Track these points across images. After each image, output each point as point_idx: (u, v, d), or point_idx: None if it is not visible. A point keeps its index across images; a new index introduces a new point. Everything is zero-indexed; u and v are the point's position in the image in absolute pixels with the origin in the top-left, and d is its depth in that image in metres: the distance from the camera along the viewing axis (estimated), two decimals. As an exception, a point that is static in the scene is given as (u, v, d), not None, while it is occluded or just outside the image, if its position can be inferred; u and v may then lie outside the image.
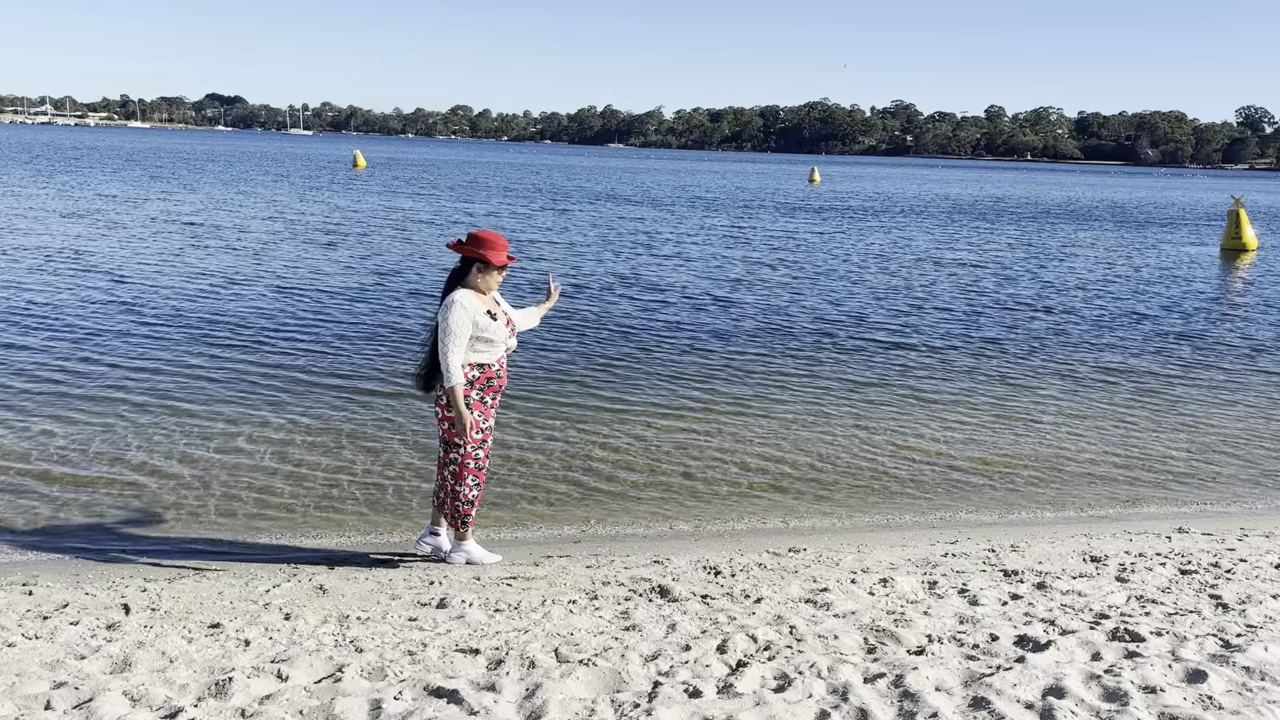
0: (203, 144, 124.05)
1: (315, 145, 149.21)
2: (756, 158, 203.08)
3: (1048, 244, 30.43)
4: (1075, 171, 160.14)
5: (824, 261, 23.00)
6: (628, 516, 7.10)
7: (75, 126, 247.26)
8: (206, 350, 11.31)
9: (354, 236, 24.41)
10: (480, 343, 5.62)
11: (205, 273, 17.34)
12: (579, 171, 79.98)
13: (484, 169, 76.84)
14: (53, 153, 72.47)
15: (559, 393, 10.07)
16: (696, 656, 4.41)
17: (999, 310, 16.74)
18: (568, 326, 13.58)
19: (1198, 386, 11.62)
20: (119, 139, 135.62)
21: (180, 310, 13.70)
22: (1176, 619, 4.98)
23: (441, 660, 4.35)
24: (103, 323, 12.63)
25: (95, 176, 45.69)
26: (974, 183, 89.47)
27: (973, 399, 10.58)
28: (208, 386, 9.80)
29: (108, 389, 9.55)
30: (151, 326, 12.55)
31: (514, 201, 40.19)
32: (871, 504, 7.54)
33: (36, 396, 9.21)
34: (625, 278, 18.75)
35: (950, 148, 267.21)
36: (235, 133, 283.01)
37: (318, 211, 31.38)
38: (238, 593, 5.34)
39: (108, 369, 10.29)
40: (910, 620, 4.92)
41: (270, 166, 65.36)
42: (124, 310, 13.54)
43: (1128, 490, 8.08)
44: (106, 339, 11.68)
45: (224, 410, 9.03)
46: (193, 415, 8.86)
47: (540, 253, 22.64)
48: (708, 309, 15.66)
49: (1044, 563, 6.05)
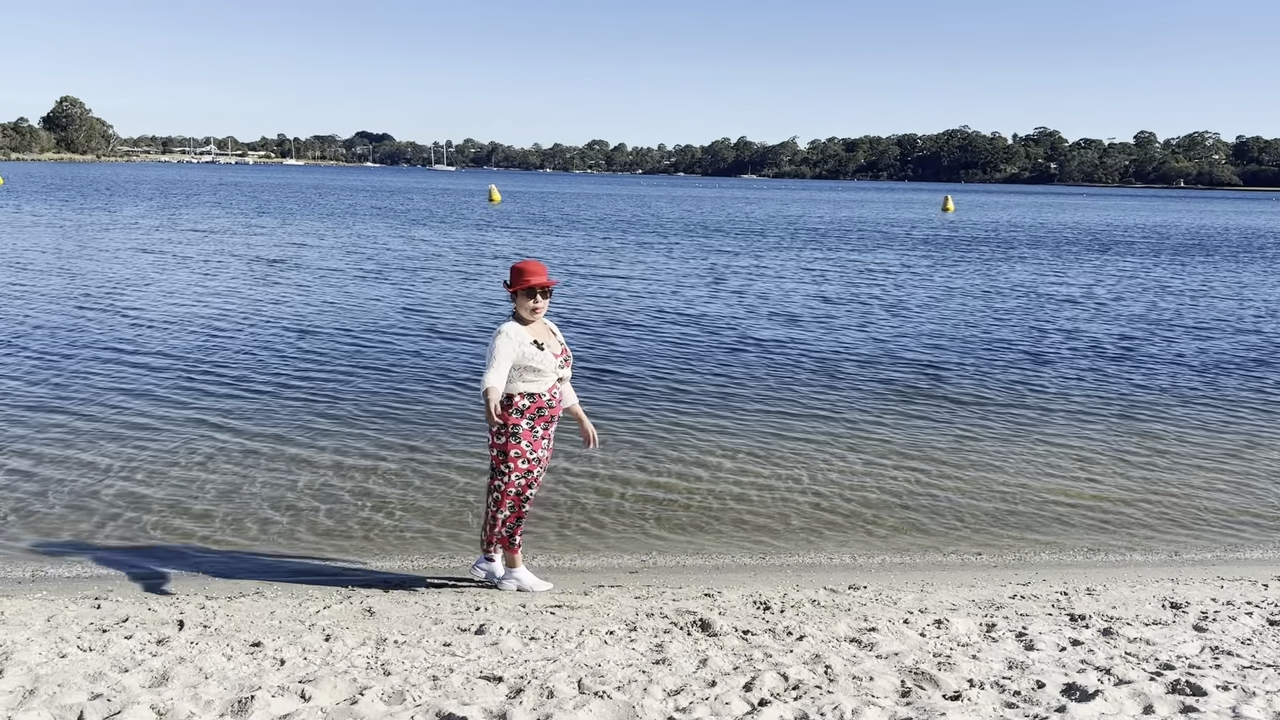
0: (353, 180, 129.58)
1: (456, 180, 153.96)
2: (892, 186, 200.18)
3: (1183, 274, 28.99)
4: (1235, 199, 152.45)
5: (924, 293, 22.45)
6: (691, 548, 7.01)
7: (236, 165, 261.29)
8: (297, 375, 11.72)
9: (457, 268, 25.05)
10: (529, 372, 5.69)
11: (313, 303, 18.04)
12: (689, 201, 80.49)
13: (612, 201, 77.88)
14: (235, 190, 76.91)
15: (626, 423, 10.05)
16: (719, 693, 4.31)
17: (1108, 341, 15.98)
18: (636, 356, 13.57)
19: (1332, 424, 10.83)
20: (281, 176, 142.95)
21: (279, 335, 14.25)
22: (1250, 673, 4.63)
23: (463, 687, 4.37)
24: (204, 344, 13.23)
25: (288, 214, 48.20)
26: (1122, 211, 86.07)
27: (1072, 435, 10.10)
28: (287, 413, 10.14)
29: (193, 412, 9.98)
30: (254, 351, 13.08)
31: (623, 232, 40.60)
32: (945, 541, 7.25)
33: (126, 415, 9.70)
34: (693, 312, 18.59)
35: (1096, 175, 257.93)
36: (382, 169, 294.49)
37: (445, 243, 32.37)
38: (289, 612, 5.48)
39: (197, 393, 10.76)
40: (955, 664, 4.71)
41: (412, 200, 67.73)
42: (228, 334, 14.16)
43: (1232, 535, 7.57)
44: (205, 362, 12.23)
45: (301, 437, 9.32)
46: (269, 440, 9.17)
47: (622, 281, 22.75)
48: (785, 342, 15.42)
49: (1117, 608, 5.71)
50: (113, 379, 11.33)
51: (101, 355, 12.67)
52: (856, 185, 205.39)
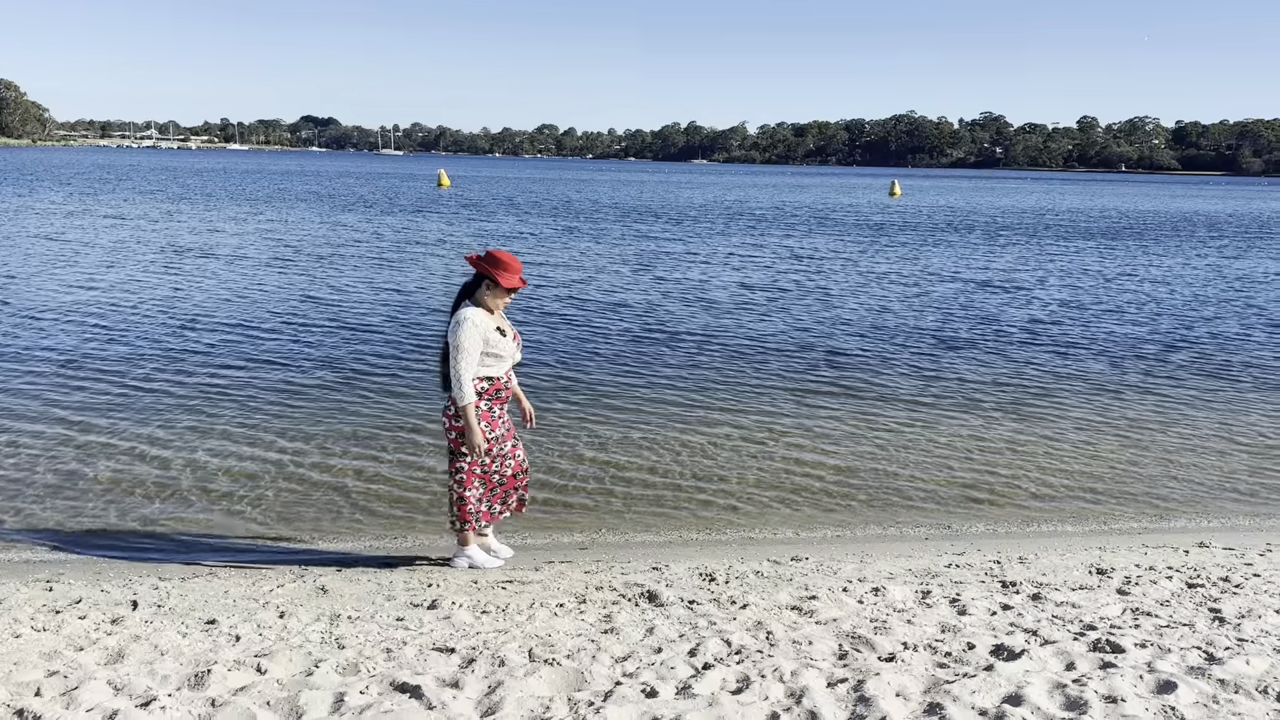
0: (296, 164, 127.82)
1: (403, 165, 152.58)
2: (840, 171, 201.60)
3: (1136, 255, 29.68)
4: (1172, 183, 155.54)
5: (868, 275, 22.80)
6: (640, 525, 7.17)
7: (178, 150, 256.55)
8: (246, 358, 11.72)
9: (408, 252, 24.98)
10: (489, 357, 5.80)
11: (257, 285, 17.93)
12: (633, 186, 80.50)
13: (556, 185, 77.72)
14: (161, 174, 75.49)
15: (574, 404, 10.21)
16: (665, 659, 4.48)
17: (1066, 320, 16.40)
18: (586, 339, 13.72)
19: (1259, 401, 11.25)
20: (222, 160, 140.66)
21: (220, 319, 14.20)
22: (1166, 632, 4.89)
23: (417, 658, 4.49)
24: (150, 330, 13.14)
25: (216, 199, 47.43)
26: (1063, 195, 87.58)
27: (1002, 412, 10.42)
28: (241, 395, 10.16)
29: (145, 394, 9.96)
30: (203, 338, 13.02)
31: (557, 217, 40.59)
32: (885, 515, 7.49)
33: (74, 398, 9.66)
34: (637, 298, 18.75)
35: (1041, 159, 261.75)
36: (328, 153, 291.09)
37: (391, 226, 32.17)
38: (243, 591, 5.56)
39: (149, 375, 10.73)
40: (890, 628, 4.92)
41: (352, 186, 67.05)
42: (175, 320, 14.07)
43: (1158, 506, 7.89)
44: (158, 345, 12.16)
45: (256, 418, 9.36)
46: (226, 423, 9.19)
47: (567, 265, 22.86)
48: (728, 324, 15.65)
49: (1047, 575, 5.97)
50: (74, 356, 11.25)
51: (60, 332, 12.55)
52: (805, 170, 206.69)
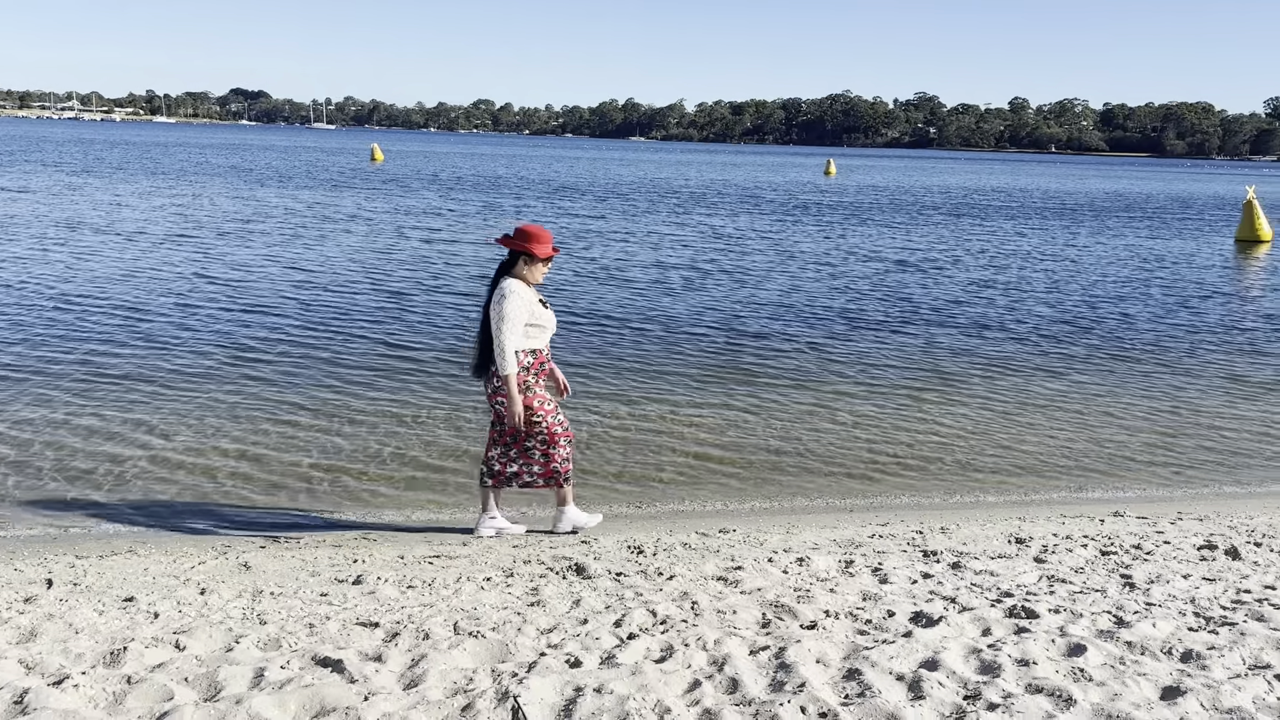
0: (226, 138, 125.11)
1: (335, 139, 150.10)
2: (777, 150, 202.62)
3: (1056, 236, 30.30)
4: (1099, 164, 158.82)
5: (796, 254, 23.01)
6: (529, 501, 7.15)
7: (101, 122, 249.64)
8: (143, 336, 11.48)
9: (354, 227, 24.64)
10: (533, 329, 5.93)
11: (152, 262, 17.57)
12: (565, 162, 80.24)
13: (488, 160, 77.10)
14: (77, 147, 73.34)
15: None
16: (590, 630, 4.50)
17: (985, 300, 16.71)
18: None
19: (1172, 376, 11.59)
20: (145, 133, 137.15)
21: (106, 298, 13.90)
22: (1079, 597, 5.03)
23: (340, 633, 4.46)
24: (31, 311, 12.83)
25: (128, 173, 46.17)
26: (991, 174, 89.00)
27: (927, 388, 10.60)
28: (164, 367, 9.97)
29: (51, 367, 9.73)
30: (90, 319, 12.73)
31: (482, 193, 40.35)
32: (814, 488, 7.59)
33: None
34: (549, 276, 18.68)
35: (974, 140, 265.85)
36: (259, 127, 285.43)
37: (305, 202, 31.65)
38: (163, 569, 5.47)
39: (63, 350, 10.47)
40: (813, 597, 4.99)
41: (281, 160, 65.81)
42: (59, 299, 13.74)
43: (1078, 477, 8.09)
44: (46, 325, 11.87)
45: (183, 392, 9.19)
46: (149, 396, 9.01)
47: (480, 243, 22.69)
48: (643, 304, 15.70)
49: (967, 544, 6.10)
50: None
51: None
52: (742, 149, 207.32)
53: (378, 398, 9.39)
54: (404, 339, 12.00)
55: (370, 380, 9.97)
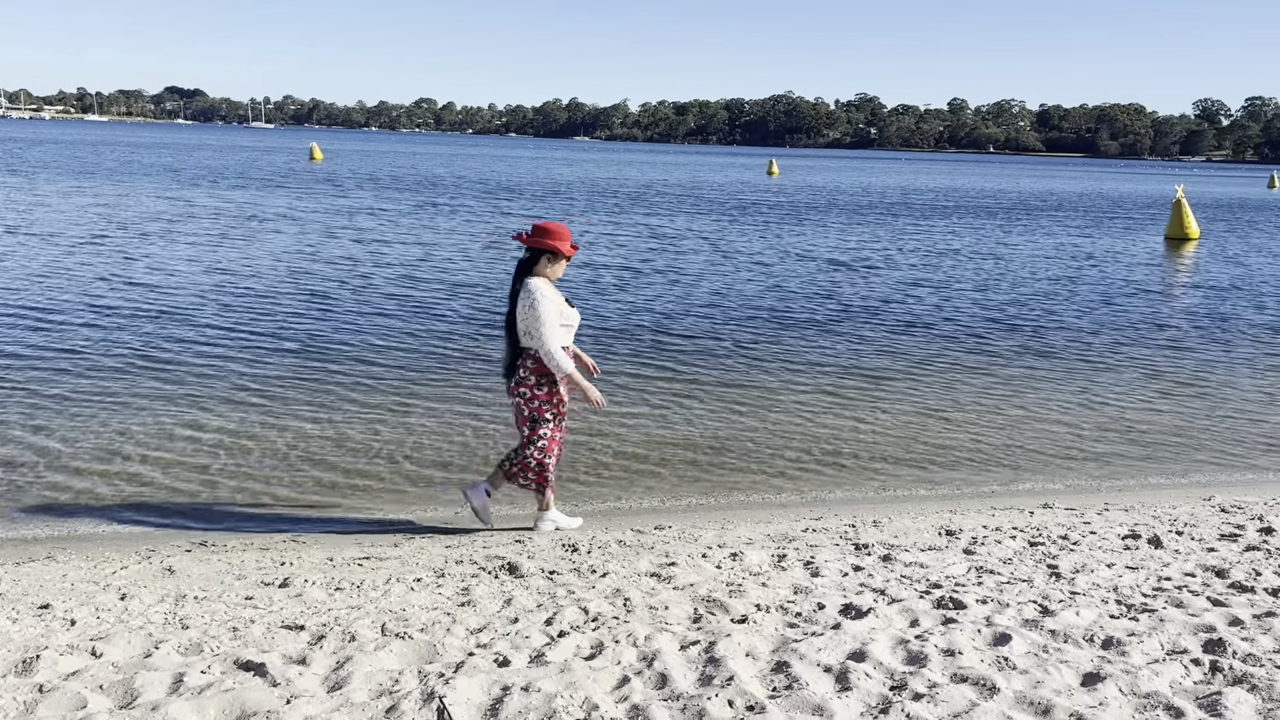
0: (159, 137, 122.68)
1: (273, 138, 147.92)
2: (720, 150, 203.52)
3: (989, 234, 30.77)
4: (1035, 164, 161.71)
5: (732, 253, 23.13)
6: (504, 500, 7.11)
7: (30, 120, 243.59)
8: (85, 334, 11.23)
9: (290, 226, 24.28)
10: (562, 328, 5.96)
11: (67, 264, 17.19)
12: (506, 162, 80.00)
13: (434, 160, 76.51)
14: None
15: (441, 378, 10.12)
16: (520, 629, 4.46)
17: (915, 298, 16.92)
18: (440, 317, 13.59)
19: (1102, 371, 11.81)
20: (75, 132, 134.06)
21: (15, 301, 13.59)
22: (1006, 588, 5.09)
23: (264, 636, 4.37)
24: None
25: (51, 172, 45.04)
26: (930, 175, 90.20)
27: (859, 385, 10.71)
28: (74, 371, 9.74)
29: None
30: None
31: (416, 192, 40.04)
32: (748, 484, 7.62)
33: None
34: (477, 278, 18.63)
35: (914, 140, 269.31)
36: (195, 126, 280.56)
37: (235, 201, 31.15)
38: (83, 575, 5.33)
39: (7, 359, 10.20)
40: (745, 591, 5.00)
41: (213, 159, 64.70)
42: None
43: (1008, 470, 8.21)
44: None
45: (111, 393, 8.98)
46: (74, 401, 8.80)
47: (407, 242, 22.59)
48: (589, 301, 15.72)
49: (899, 537, 6.16)
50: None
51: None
52: (685, 149, 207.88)
53: (304, 399, 9.26)
54: (326, 339, 11.82)
55: (296, 382, 9.83)
